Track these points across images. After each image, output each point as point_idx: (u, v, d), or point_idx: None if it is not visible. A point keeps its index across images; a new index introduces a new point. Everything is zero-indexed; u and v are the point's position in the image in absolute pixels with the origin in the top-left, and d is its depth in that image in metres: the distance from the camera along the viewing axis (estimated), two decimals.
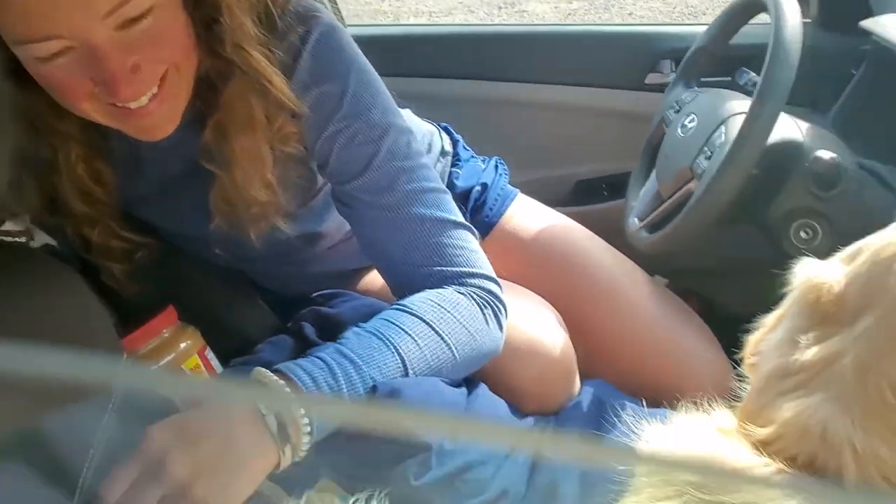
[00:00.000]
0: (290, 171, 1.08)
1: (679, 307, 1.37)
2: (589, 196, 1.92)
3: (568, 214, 1.55)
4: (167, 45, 0.90)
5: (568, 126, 1.88)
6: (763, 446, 0.73)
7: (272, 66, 0.98)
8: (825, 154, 1.25)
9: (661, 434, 0.79)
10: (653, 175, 1.51)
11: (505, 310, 1.08)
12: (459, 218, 1.11)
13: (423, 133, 1.44)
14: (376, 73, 1.10)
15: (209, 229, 1.08)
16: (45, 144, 1.00)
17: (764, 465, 0.70)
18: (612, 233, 1.50)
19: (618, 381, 1.25)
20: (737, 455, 0.72)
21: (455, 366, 1.01)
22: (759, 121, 1.20)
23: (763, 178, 1.31)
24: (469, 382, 1.08)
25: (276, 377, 0.88)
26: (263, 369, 0.90)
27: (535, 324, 1.17)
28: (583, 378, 1.24)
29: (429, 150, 1.42)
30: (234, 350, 1.14)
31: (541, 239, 1.41)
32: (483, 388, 1.08)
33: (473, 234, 1.12)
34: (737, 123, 1.26)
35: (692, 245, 1.34)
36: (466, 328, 1.02)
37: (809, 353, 0.74)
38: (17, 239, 1.02)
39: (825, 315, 0.77)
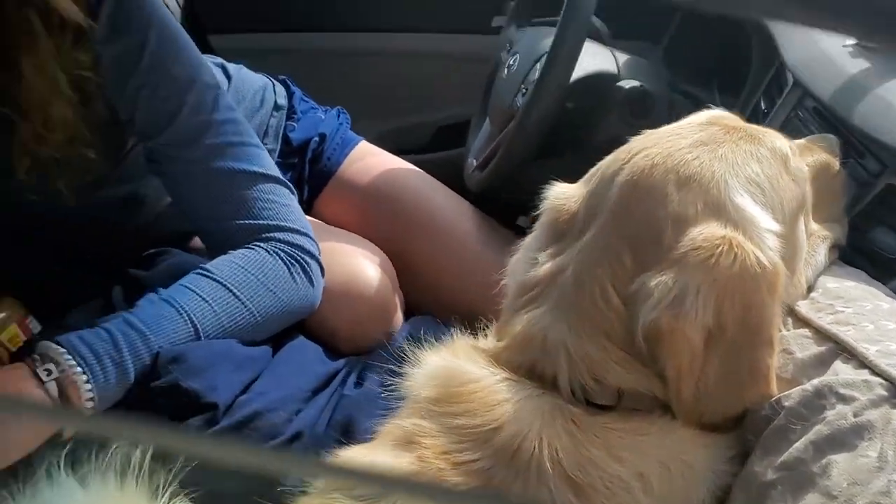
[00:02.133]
0: (94, 117, 1.06)
1: (509, 242, 1.40)
2: (449, 142, 1.94)
3: (426, 161, 1.58)
4: None
5: (421, 73, 1.90)
6: (496, 359, 0.77)
7: None
8: (628, 83, 1.29)
9: (427, 355, 0.83)
10: (488, 116, 1.55)
11: (318, 264, 1.11)
12: (271, 172, 1.12)
13: (256, 88, 1.45)
14: (181, 28, 1.11)
15: (21, 189, 1.06)
16: None
17: (491, 375, 0.75)
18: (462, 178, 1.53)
19: (447, 316, 1.28)
20: (467, 369, 0.76)
21: (257, 326, 1.04)
22: (560, 52, 1.23)
23: (580, 110, 1.35)
24: (284, 334, 1.11)
25: (60, 349, 0.91)
26: (48, 343, 0.92)
27: (349, 266, 1.19)
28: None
29: (260, 105, 1.43)
30: (54, 316, 1.15)
31: (376, 183, 1.43)
32: (298, 339, 1.11)
33: (287, 188, 1.14)
34: None
35: (517, 181, 1.37)
36: (269, 289, 1.04)
37: (542, 269, 0.79)
38: None
39: (561, 233, 0.81)
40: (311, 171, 1.46)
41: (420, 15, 1.87)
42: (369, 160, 1.48)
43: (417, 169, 1.47)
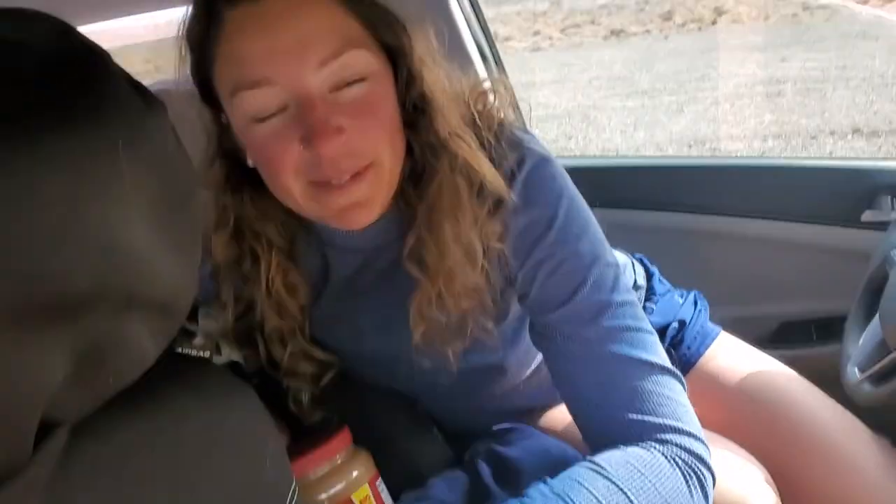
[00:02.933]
0: (490, 283, 1.02)
1: None
2: (796, 338, 1.76)
3: (777, 358, 1.42)
4: (374, 119, 0.90)
5: (774, 262, 1.76)
6: None
7: (479, 151, 0.97)
8: None
9: None
10: (875, 320, 1.35)
11: (713, 478, 0.96)
12: (666, 363, 1.00)
13: None
14: (587, 205, 1.05)
15: (401, 348, 1.04)
16: (247, 254, 1.01)
17: None
18: (824, 381, 1.35)
19: None
20: None
21: None
22: None
23: None
24: None
25: None
26: None
27: (740, 482, 1.04)
28: None
29: None
30: (405, 481, 1.08)
31: (746, 384, 1.28)
32: None
33: (681, 382, 1.01)
34: None
35: None
36: (666, 501, 0.90)
37: None
38: (201, 354, 1.02)
39: None
40: (668, 359, 1.34)
41: (780, 202, 1.75)
42: (735, 355, 1.34)
43: (795, 373, 1.30)
